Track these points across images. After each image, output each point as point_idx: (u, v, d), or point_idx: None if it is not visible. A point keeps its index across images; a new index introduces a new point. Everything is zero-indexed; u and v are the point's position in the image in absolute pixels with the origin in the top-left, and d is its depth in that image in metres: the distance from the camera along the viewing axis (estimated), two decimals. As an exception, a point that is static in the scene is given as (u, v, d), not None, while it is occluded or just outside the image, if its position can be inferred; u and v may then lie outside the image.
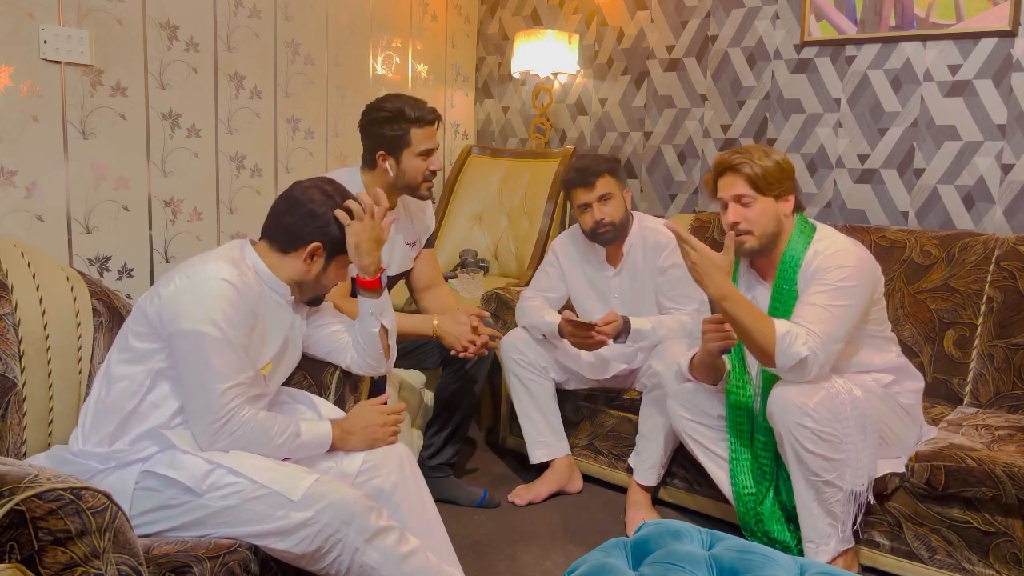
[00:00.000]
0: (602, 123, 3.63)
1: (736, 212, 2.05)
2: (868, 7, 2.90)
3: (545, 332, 2.59)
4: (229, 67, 2.89)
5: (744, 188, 2.04)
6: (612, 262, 2.65)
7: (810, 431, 1.90)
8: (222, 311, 1.60)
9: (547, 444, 2.64)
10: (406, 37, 3.63)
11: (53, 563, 1.10)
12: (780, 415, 1.94)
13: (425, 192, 2.37)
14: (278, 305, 1.78)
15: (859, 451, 1.94)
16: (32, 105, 2.37)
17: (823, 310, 1.94)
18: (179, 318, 1.60)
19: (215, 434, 1.59)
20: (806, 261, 2.05)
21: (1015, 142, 2.68)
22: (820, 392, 1.92)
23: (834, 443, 1.91)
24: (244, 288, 1.66)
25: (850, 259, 2.01)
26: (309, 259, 1.76)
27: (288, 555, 1.54)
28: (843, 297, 1.96)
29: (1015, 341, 2.40)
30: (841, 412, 1.92)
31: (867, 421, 1.96)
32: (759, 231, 2.05)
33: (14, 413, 1.68)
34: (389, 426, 1.82)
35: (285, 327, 1.80)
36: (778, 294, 2.08)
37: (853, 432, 1.93)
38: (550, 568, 2.18)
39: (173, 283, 1.64)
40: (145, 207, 2.69)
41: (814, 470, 1.93)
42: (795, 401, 1.91)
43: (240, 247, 1.77)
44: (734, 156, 2.06)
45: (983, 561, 1.98)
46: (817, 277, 2.00)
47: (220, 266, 1.65)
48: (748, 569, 1.35)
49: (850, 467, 1.93)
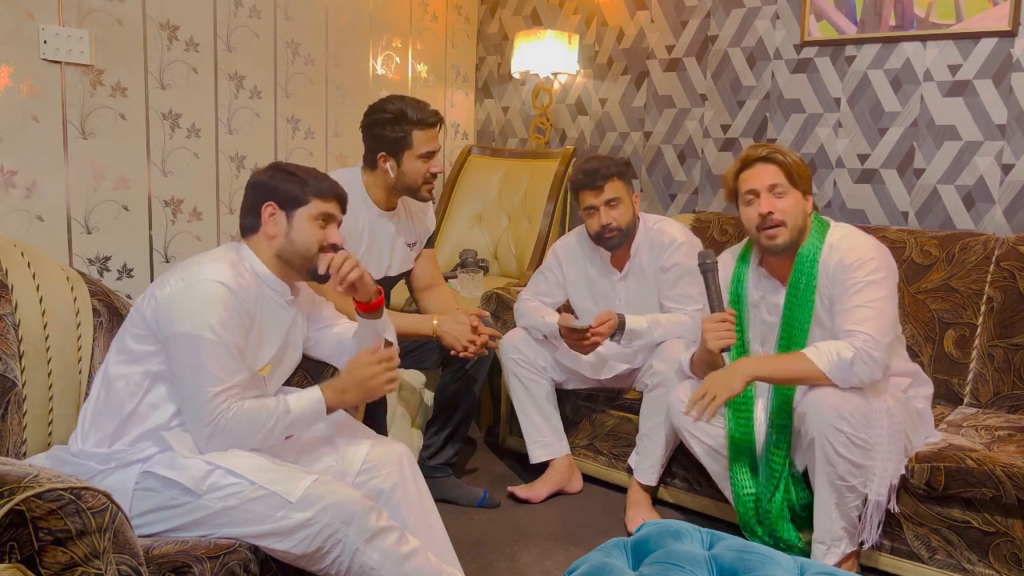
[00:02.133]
0: (602, 123, 3.63)
1: (770, 202, 2.01)
2: (868, 7, 2.90)
3: (545, 332, 2.59)
4: (229, 67, 2.89)
5: (780, 177, 2.01)
6: (617, 265, 2.62)
7: (845, 436, 1.88)
8: (217, 314, 1.60)
9: (547, 444, 2.64)
10: (406, 37, 3.63)
11: (53, 563, 1.10)
12: (816, 418, 1.91)
13: (425, 194, 2.37)
14: (277, 306, 1.78)
15: (887, 459, 1.93)
16: (32, 105, 2.37)
17: (867, 309, 1.93)
18: (175, 321, 1.60)
19: (208, 437, 1.59)
20: (823, 256, 2.03)
21: (1015, 142, 2.69)
22: (857, 398, 1.90)
23: (865, 449, 1.90)
24: (240, 290, 1.66)
25: (871, 251, 2.00)
26: (273, 224, 1.75)
27: (288, 555, 1.54)
28: (878, 289, 1.95)
29: (1015, 341, 2.40)
30: (876, 419, 1.91)
31: (895, 428, 1.95)
32: (791, 224, 2.02)
33: (14, 413, 1.68)
34: (384, 373, 1.76)
35: (284, 328, 1.80)
36: (795, 291, 2.06)
37: (884, 439, 1.92)
38: (550, 568, 2.18)
39: (169, 285, 1.64)
40: (145, 207, 2.69)
41: (841, 474, 1.92)
42: (833, 405, 1.89)
43: (237, 249, 1.78)
44: (762, 149, 2.05)
45: (983, 561, 1.98)
46: (844, 275, 1.98)
47: (216, 268, 1.65)
48: (748, 569, 1.35)
49: (876, 474, 1.93)
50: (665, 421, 2.36)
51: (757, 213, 2.03)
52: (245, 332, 1.67)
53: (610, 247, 2.56)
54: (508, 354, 2.63)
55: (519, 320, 2.67)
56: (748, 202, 2.06)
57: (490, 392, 3.11)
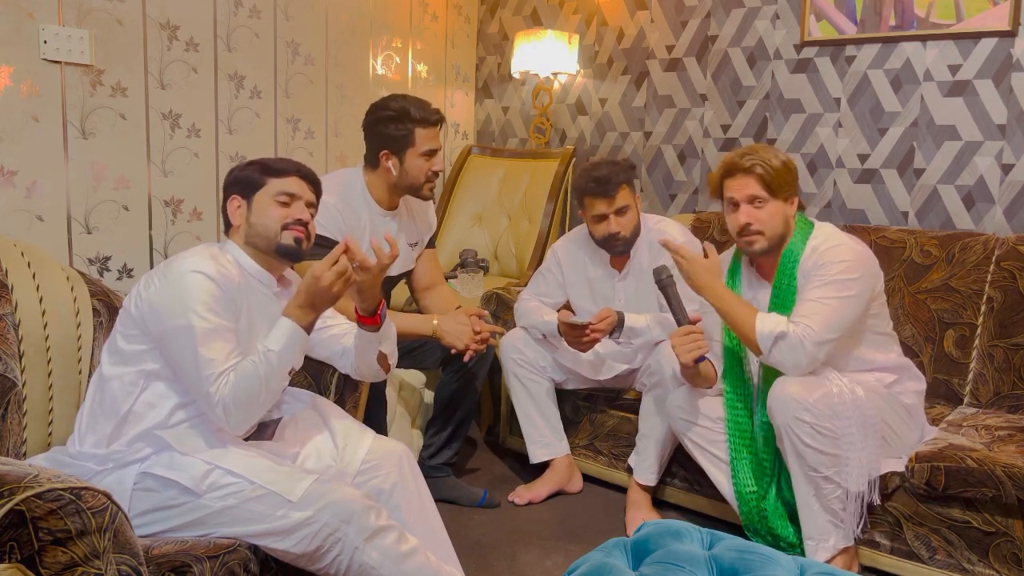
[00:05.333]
0: (602, 123, 3.63)
1: (748, 213, 2.05)
2: (868, 7, 2.90)
3: (544, 332, 2.59)
4: (229, 67, 2.89)
5: (757, 189, 2.04)
6: (617, 266, 2.63)
7: (809, 426, 1.92)
8: (201, 300, 1.61)
9: (547, 444, 2.64)
10: (406, 37, 3.63)
11: (53, 563, 1.10)
12: (779, 410, 1.96)
13: (427, 193, 2.37)
14: (265, 297, 1.79)
15: (859, 450, 1.95)
16: (32, 105, 2.37)
17: (818, 303, 1.98)
18: (162, 317, 1.61)
19: (225, 418, 1.60)
20: (804, 257, 2.07)
21: (1015, 142, 2.68)
22: (820, 389, 1.94)
23: (832, 439, 1.93)
24: (221, 278, 1.66)
25: (847, 253, 2.03)
26: (238, 214, 1.78)
27: (288, 555, 1.54)
28: (840, 289, 1.98)
29: (1015, 341, 2.40)
30: (841, 410, 1.94)
31: (868, 420, 1.97)
32: (769, 232, 2.06)
33: (14, 413, 1.68)
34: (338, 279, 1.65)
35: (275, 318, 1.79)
36: (778, 291, 2.10)
37: (854, 430, 1.94)
38: (550, 568, 2.18)
39: (153, 284, 1.65)
40: (145, 207, 2.69)
41: (812, 465, 1.95)
42: (794, 396, 1.93)
43: (220, 244, 1.80)
44: (744, 157, 2.06)
45: (983, 561, 1.98)
46: (815, 273, 2.03)
47: (194, 260, 1.66)
48: (748, 569, 1.35)
49: (852, 466, 1.94)
50: (664, 421, 2.36)
51: (737, 223, 2.07)
52: (234, 317, 1.67)
53: (617, 253, 2.57)
54: (508, 354, 2.63)
55: (519, 320, 2.68)
56: (730, 211, 2.11)
57: (490, 392, 3.11)
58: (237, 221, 1.78)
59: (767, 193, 2.04)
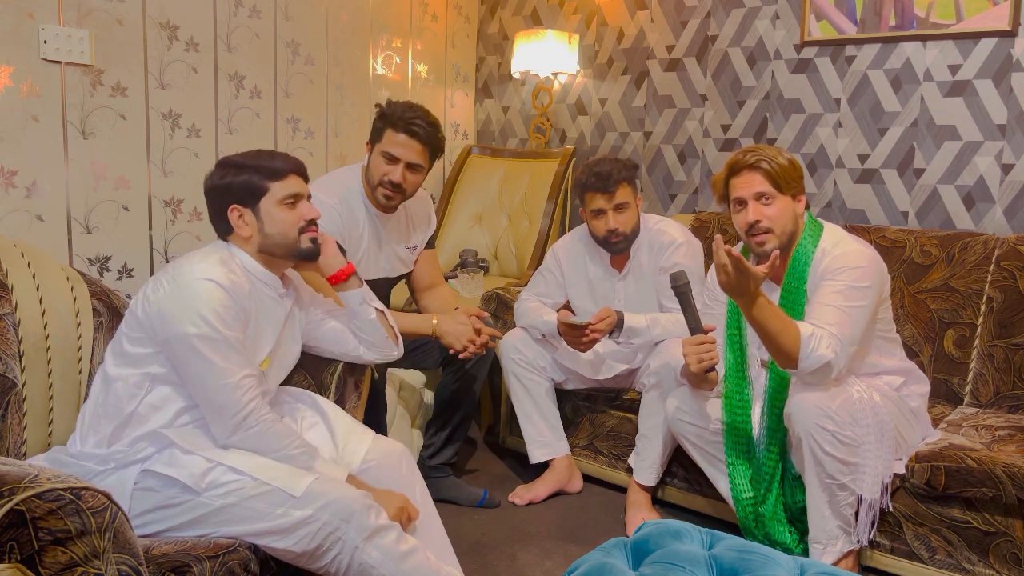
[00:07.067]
0: (602, 123, 3.63)
1: (757, 210, 2.02)
2: (868, 7, 2.90)
3: (544, 332, 2.59)
4: (229, 67, 2.89)
5: (765, 186, 2.01)
6: (617, 266, 2.63)
7: (831, 434, 1.89)
8: (213, 310, 1.60)
9: (547, 444, 2.64)
10: (406, 37, 3.63)
11: (53, 563, 1.10)
12: (801, 417, 1.92)
13: (380, 198, 2.31)
14: (271, 299, 1.78)
15: (875, 457, 1.93)
16: (32, 105, 2.37)
17: (839, 311, 1.92)
18: (171, 323, 1.60)
19: (235, 428, 1.60)
20: (815, 261, 2.04)
21: (1015, 142, 2.68)
22: (841, 396, 1.91)
23: (852, 447, 1.91)
24: (232, 286, 1.65)
25: (861, 259, 2.00)
26: (244, 225, 1.74)
27: (288, 554, 1.54)
28: (857, 298, 1.95)
29: (1015, 341, 2.40)
30: (861, 416, 1.91)
31: (884, 427, 1.95)
32: (779, 229, 2.03)
33: (14, 413, 1.68)
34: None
35: (280, 321, 1.80)
36: (787, 294, 2.07)
37: (871, 437, 1.92)
38: (550, 568, 2.18)
39: (162, 287, 1.64)
40: (145, 207, 2.69)
41: (830, 472, 1.92)
42: (817, 404, 1.89)
43: (227, 245, 1.78)
44: (749, 155, 2.04)
45: (983, 561, 1.98)
46: (828, 277, 1.99)
47: (206, 266, 1.64)
48: (748, 569, 1.35)
49: (867, 472, 1.93)
50: (664, 421, 2.36)
51: (745, 221, 2.04)
52: (242, 327, 1.67)
53: (616, 251, 2.57)
54: (508, 354, 2.63)
55: (519, 320, 2.67)
56: (737, 210, 2.08)
57: (490, 392, 3.11)
58: (247, 233, 1.74)
59: (774, 189, 2.02)
